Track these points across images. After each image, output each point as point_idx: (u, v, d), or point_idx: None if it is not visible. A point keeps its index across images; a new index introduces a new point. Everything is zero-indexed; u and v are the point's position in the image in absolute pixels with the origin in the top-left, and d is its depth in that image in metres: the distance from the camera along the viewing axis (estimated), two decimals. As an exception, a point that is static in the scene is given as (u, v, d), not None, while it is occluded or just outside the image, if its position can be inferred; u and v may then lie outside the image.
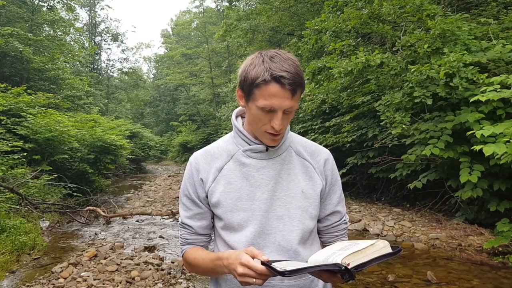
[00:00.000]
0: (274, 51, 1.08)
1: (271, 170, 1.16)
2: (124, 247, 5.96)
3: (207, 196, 1.19)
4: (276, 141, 1.14)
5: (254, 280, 0.95)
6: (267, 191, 1.15)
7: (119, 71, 36.55)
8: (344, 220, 1.28)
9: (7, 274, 4.74)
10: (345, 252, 0.93)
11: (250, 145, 1.17)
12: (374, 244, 0.94)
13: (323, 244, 1.29)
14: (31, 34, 14.67)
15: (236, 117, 1.25)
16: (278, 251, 1.13)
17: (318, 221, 1.24)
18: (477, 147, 4.38)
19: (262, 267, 0.94)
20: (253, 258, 0.97)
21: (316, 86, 8.30)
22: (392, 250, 0.95)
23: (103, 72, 35.73)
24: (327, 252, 1.01)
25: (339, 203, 1.25)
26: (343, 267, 0.89)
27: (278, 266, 0.94)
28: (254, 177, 1.16)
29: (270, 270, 0.93)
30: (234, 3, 21.89)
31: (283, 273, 0.91)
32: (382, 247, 0.94)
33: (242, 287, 1.05)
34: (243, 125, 1.21)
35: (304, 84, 1.08)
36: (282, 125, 1.07)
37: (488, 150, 4.25)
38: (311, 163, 1.21)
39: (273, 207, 1.15)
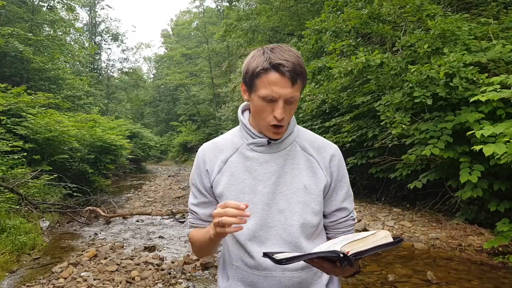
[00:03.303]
0: (276, 44, 1.12)
1: (273, 165, 1.18)
2: (124, 247, 5.96)
3: (212, 187, 1.22)
4: (279, 134, 1.15)
5: (220, 218, 0.95)
6: (269, 185, 1.17)
7: (119, 71, 36.58)
8: (352, 216, 1.28)
9: (7, 274, 4.74)
10: (345, 241, 0.95)
11: (253, 138, 1.19)
12: (375, 234, 0.95)
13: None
14: (31, 34, 14.68)
15: (243, 111, 1.27)
16: (280, 244, 1.15)
17: (325, 216, 1.25)
18: (477, 147, 4.38)
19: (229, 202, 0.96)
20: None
21: (316, 86, 8.30)
22: (393, 240, 0.95)
23: (103, 72, 35.73)
24: (328, 244, 1.02)
25: (345, 199, 1.25)
26: (342, 254, 0.90)
27: (278, 256, 0.95)
28: (256, 170, 1.18)
29: (269, 259, 0.97)
30: (234, 3, 21.88)
31: (280, 261, 0.93)
32: (382, 237, 0.95)
33: (247, 275, 1.15)
34: (249, 119, 1.23)
35: (305, 75, 1.10)
36: (284, 115, 1.09)
37: (488, 150, 4.25)
38: (316, 159, 1.21)
39: (275, 200, 1.16)
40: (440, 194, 6.85)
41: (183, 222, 7.91)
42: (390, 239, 0.95)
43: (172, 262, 5.07)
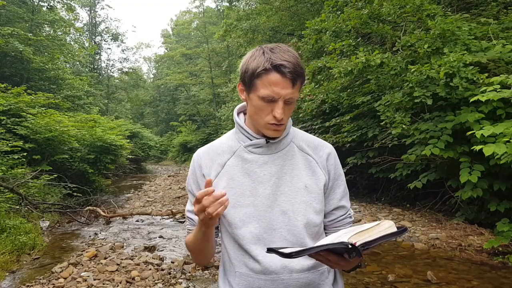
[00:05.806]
0: (274, 44, 1.12)
1: (273, 166, 1.17)
2: (124, 247, 5.96)
3: None
4: (279, 132, 1.15)
5: (207, 211, 0.99)
6: (270, 187, 1.16)
7: (119, 71, 36.55)
8: (349, 214, 1.28)
9: (7, 274, 4.74)
10: (350, 233, 0.94)
11: (251, 140, 1.18)
12: (380, 224, 0.95)
13: None
14: (31, 34, 14.68)
15: (238, 113, 1.26)
16: (285, 245, 1.14)
17: (323, 216, 1.24)
18: (477, 147, 4.38)
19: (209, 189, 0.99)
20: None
21: (316, 86, 8.31)
22: (398, 229, 0.96)
23: (103, 72, 35.72)
24: (331, 237, 1.02)
25: (343, 197, 1.25)
26: (350, 245, 0.90)
27: (286, 250, 0.95)
28: (256, 173, 1.17)
29: (277, 254, 0.96)
30: (234, 3, 21.90)
31: (290, 255, 0.92)
32: (387, 227, 0.95)
33: (252, 280, 1.13)
34: (245, 121, 1.23)
35: (304, 76, 1.11)
36: (284, 115, 1.09)
37: (488, 150, 4.25)
38: (314, 158, 1.21)
39: (277, 202, 1.15)
40: (440, 194, 6.85)
41: (183, 222, 7.91)
42: (395, 229, 0.95)
43: (172, 262, 5.07)
